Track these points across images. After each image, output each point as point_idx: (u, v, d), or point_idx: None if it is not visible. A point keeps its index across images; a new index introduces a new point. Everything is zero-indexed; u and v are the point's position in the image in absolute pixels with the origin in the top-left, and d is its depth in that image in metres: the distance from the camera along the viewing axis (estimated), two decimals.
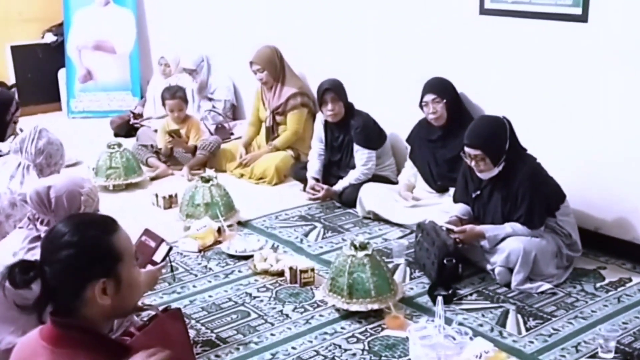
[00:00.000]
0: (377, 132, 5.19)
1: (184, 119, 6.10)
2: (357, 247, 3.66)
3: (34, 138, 3.98)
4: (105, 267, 1.89)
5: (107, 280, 1.89)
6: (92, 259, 1.88)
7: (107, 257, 1.90)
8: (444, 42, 4.92)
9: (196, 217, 4.70)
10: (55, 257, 1.88)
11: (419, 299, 3.82)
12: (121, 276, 1.92)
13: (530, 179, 3.89)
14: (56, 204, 2.96)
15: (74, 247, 1.87)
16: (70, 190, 2.98)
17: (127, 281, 1.94)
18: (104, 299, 1.89)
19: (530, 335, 3.43)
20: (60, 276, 1.87)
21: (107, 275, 1.88)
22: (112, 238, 1.92)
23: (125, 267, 1.93)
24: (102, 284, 1.87)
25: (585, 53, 4.17)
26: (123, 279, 1.92)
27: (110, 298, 1.90)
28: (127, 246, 1.97)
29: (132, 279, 1.97)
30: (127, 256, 1.95)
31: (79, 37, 7.91)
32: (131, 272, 1.97)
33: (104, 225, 1.95)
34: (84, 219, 2.06)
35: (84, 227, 1.93)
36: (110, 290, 1.90)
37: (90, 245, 1.89)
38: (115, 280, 1.90)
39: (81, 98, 7.94)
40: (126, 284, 1.93)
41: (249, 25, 6.51)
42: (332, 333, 3.50)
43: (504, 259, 3.88)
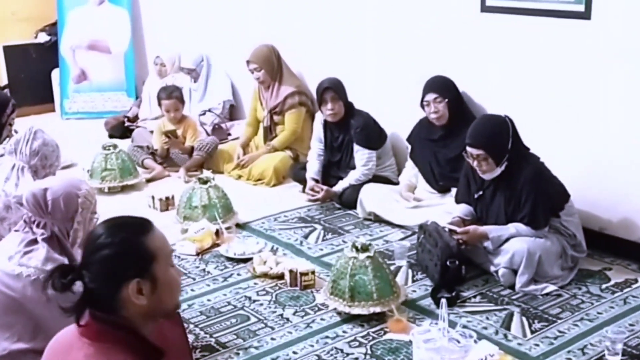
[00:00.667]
0: (377, 131, 5.12)
1: (180, 119, 6.02)
2: (359, 249, 3.59)
3: (29, 139, 3.91)
4: (139, 267, 1.92)
5: (142, 281, 1.91)
6: (125, 260, 1.91)
7: (141, 257, 1.93)
8: (444, 40, 4.85)
9: (194, 219, 4.63)
10: (92, 260, 1.92)
11: (422, 301, 3.75)
12: (157, 276, 1.94)
13: (533, 179, 3.83)
14: (53, 206, 2.89)
15: (107, 249, 1.90)
16: (67, 192, 2.92)
17: (164, 281, 1.96)
18: (140, 299, 1.91)
19: (535, 338, 3.37)
20: (97, 278, 1.91)
21: (142, 276, 1.91)
22: (146, 238, 1.95)
23: (161, 267, 1.96)
24: (136, 284, 1.90)
25: (588, 51, 4.11)
26: (159, 278, 1.94)
27: (147, 298, 1.92)
28: (161, 246, 1.98)
29: (169, 279, 1.99)
30: (162, 256, 1.97)
31: (73, 37, 7.81)
32: (167, 272, 1.98)
33: (137, 226, 1.99)
34: (117, 221, 2.06)
35: (117, 229, 1.96)
36: (147, 290, 1.92)
37: (123, 246, 1.92)
38: (151, 280, 1.93)
39: (75, 99, 7.84)
40: (163, 284, 1.96)
41: (246, 24, 6.43)
42: (333, 337, 3.43)
43: (508, 260, 3.81)
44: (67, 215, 2.91)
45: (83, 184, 3.06)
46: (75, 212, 2.92)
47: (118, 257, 1.91)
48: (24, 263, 2.84)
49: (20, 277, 2.82)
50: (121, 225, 2.01)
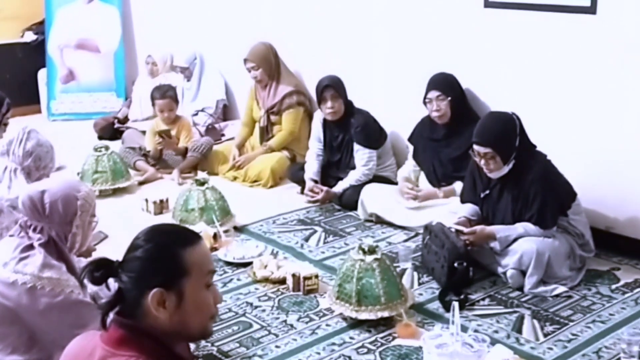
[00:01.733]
0: (377, 130, 5.02)
1: (174, 120, 5.89)
2: (366, 251, 3.48)
3: (22, 140, 3.82)
4: (166, 277, 1.80)
5: (167, 293, 1.79)
6: (153, 265, 1.81)
7: (171, 267, 1.81)
8: (447, 36, 4.74)
9: (190, 222, 4.50)
10: (126, 258, 1.84)
11: (429, 305, 3.64)
12: (184, 292, 1.81)
13: (542, 178, 3.74)
14: (51, 209, 2.77)
15: (141, 251, 1.82)
16: (65, 194, 2.80)
17: (192, 300, 1.83)
18: (160, 312, 1.79)
19: (548, 341, 3.27)
20: (127, 278, 1.82)
21: (168, 287, 1.80)
22: (184, 250, 1.83)
23: (192, 285, 1.83)
24: (158, 293, 1.78)
25: (594, 46, 4.02)
26: (186, 296, 1.82)
27: (169, 313, 1.80)
28: (200, 263, 1.85)
29: (199, 300, 1.85)
30: (198, 274, 1.84)
31: (61, 36, 7.65)
32: (199, 291, 1.85)
33: (179, 235, 1.89)
34: (162, 227, 1.98)
35: (157, 234, 1.88)
36: (170, 305, 1.80)
37: (156, 251, 1.83)
38: (177, 295, 1.80)
39: (62, 99, 7.69)
40: (190, 303, 1.82)
41: (240, 21, 6.32)
42: (340, 343, 3.32)
43: (516, 261, 3.72)
44: (66, 219, 2.79)
45: (82, 185, 2.94)
46: (74, 216, 2.79)
47: (147, 261, 1.81)
48: (19, 270, 2.71)
49: (16, 285, 2.68)
50: (164, 231, 1.93)
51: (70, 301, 2.71)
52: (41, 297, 2.67)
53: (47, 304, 2.68)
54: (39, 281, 2.68)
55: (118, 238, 4.28)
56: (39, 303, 2.67)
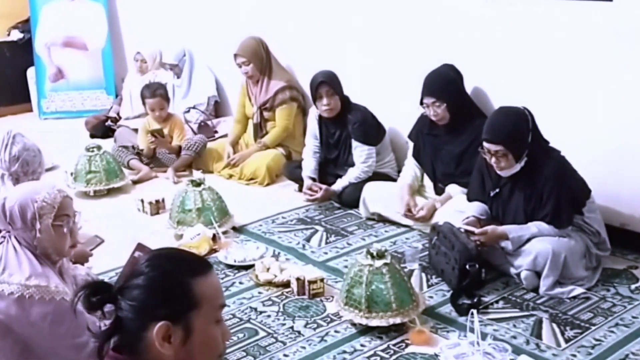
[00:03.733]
0: (376, 126, 4.86)
1: (166, 118, 5.72)
2: (374, 255, 3.31)
3: (7, 144, 3.65)
4: (174, 309, 1.63)
5: (174, 327, 1.62)
6: (159, 296, 1.64)
7: (180, 299, 1.64)
8: (449, 26, 4.57)
9: (188, 223, 4.33)
10: (128, 285, 1.68)
11: (441, 308, 3.49)
12: (193, 327, 1.63)
13: (556, 175, 3.59)
14: (11, 215, 2.65)
15: (146, 279, 1.66)
16: (22, 199, 2.66)
17: (201, 336, 1.65)
18: (164, 347, 1.61)
19: (571, 347, 3.12)
20: (128, 307, 1.65)
21: (175, 321, 1.62)
22: (194, 281, 1.65)
23: (202, 319, 1.65)
24: (164, 327, 1.61)
25: (609, 35, 3.85)
26: (195, 331, 1.64)
27: (174, 349, 1.62)
28: (211, 296, 1.68)
29: (209, 337, 1.67)
30: (208, 307, 1.66)
31: (48, 34, 7.48)
32: (209, 327, 1.67)
33: (189, 263, 1.71)
34: (169, 253, 1.82)
35: (164, 260, 1.72)
36: (176, 340, 1.62)
37: (163, 280, 1.66)
38: (184, 329, 1.63)
39: (53, 98, 7.53)
40: (198, 340, 1.64)
41: (229, 16, 6.15)
42: (351, 352, 3.16)
43: (531, 262, 3.56)
44: (27, 225, 2.64)
45: (46, 188, 2.74)
46: (33, 220, 2.64)
47: (153, 290, 1.64)
48: (4, 280, 2.56)
49: (2, 296, 2.53)
50: (172, 257, 1.76)
51: (62, 309, 2.56)
52: (31, 307, 2.53)
53: (38, 314, 2.53)
54: (27, 290, 2.53)
55: (115, 240, 4.12)
56: (29, 313, 2.53)
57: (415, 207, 4.30)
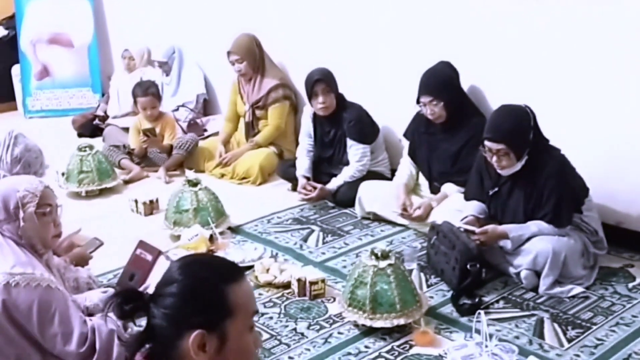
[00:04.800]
0: (370, 125, 4.86)
1: (157, 117, 5.68)
2: (379, 256, 3.32)
3: (9, 145, 3.63)
4: (209, 317, 1.61)
5: (209, 335, 1.60)
6: (195, 304, 1.62)
7: (215, 307, 1.62)
8: (445, 22, 4.56)
9: (184, 224, 4.30)
10: (160, 293, 1.66)
11: (442, 309, 3.49)
12: (227, 335, 1.62)
13: (557, 174, 3.60)
14: None
15: (179, 286, 1.64)
16: (5, 189, 2.72)
17: (235, 344, 1.64)
18: (199, 356, 1.59)
19: (574, 347, 3.13)
20: (161, 315, 1.63)
21: (209, 329, 1.61)
22: (228, 288, 1.64)
23: (236, 327, 1.64)
24: (200, 335, 1.59)
25: (610, 34, 3.86)
26: (229, 339, 1.62)
27: (209, 358, 1.60)
28: (245, 303, 1.67)
29: (242, 345, 1.66)
30: (243, 315, 1.65)
31: (33, 30, 7.42)
32: (243, 335, 1.66)
33: (223, 270, 1.69)
34: (203, 259, 1.80)
35: (197, 267, 1.70)
36: (211, 348, 1.61)
37: (197, 288, 1.64)
38: (219, 338, 1.62)
39: (38, 96, 7.46)
40: (232, 348, 1.63)
41: (219, 12, 6.10)
42: (356, 353, 3.16)
43: (531, 262, 3.58)
44: (10, 215, 2.68)
45: (26, 179, 2.82)
46: (16, 209, 2.68)
47: (187, 298, 1.62)
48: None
49: None
50: (205, 263, 1.73)
51: (49, 296, 2.59)
52: (18, 295, 2.54)
53: (25, 301, 2.54)
54: (12, 278, 2.55)
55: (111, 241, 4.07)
56: (16, 301, 2.54)
57: (411, 206, 4.31)
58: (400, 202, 4.34)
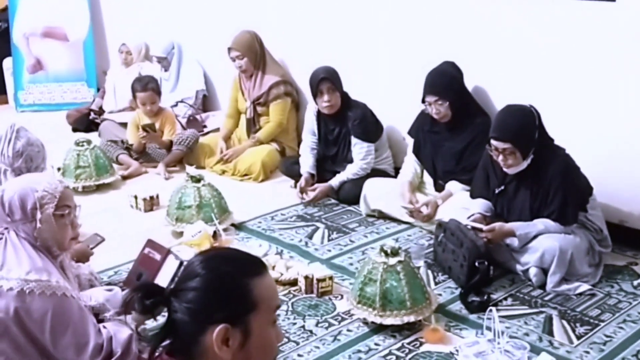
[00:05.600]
0: (375, 123, 4.85)
1: (157, 112, 5.64)
2: (388, 253, 3.32)
3: (10, 139, 3.57)
4: (233, 312, 1.59)
5: (232, 330, 1.58)
6: (218, 298, 1.60)
7: (238, 301, 1.60)
8: (449, 22, 4.57)
9: (187, 220, 4.28)
10: (182, 288, 1.63)
11: (451, 306, 3.50)
12: (251, 330, 1.60)
13: (563, 172, 3.63)
14: (10, 207, 2.61)
15: (201, 280, 1.61)
16: (22, 188, 2.63)
17: (258, 339, 1.62)
18: (223, 351, 1.58)
19: (583, 344, 3.16)
20: (183, 310, 1.61)
21: (233, 323, 1.58)
22: (251, 282, 1.62)
23: (259, 321, 1.62)
24: (224, 330, 1.57)
25: (611, 35, 3.89)
26: (253, 333, 1.60)
27: (232, 353, 1.59)
28: (268, 297, 1.64)
29: (265, 340, 1.64)
30: (265, 309, 1.63)
31: (27, 23, 7.33)
32: (266, 330, 1.64)
33: (246, 264, 1.66)
34: (225, 253, 1.78)
35: (220, 261, 1.67)
36: (234, 343, 1.59)
37: (221, 281, 1.61)
38: (243, 332, 1.60)
39: (31, 90, 7.39)
40: (256, 343, 1.61)
41: (219, 8, 6.06)
42: (366, 351, 3.16)
43: (538, 259, 3.60)
44: (27, 215, 2.61)
45: (45, 178, 2.75)
46: (34, 210, 2.60)
47: (210, 292, 1.60)
48: (3, 276, 2.52)
49: (1, 293, 2.49)
50: (228, 257, 1.69)
51: (63, 305, 2.53)
52: (31, 302, 2.48)
53: (39, 310, 2.49)
54: (27, 285, 2.49)
55: (111, 238, 4.04)
56: (29, 309, 2.48)
57: (417, 203, 4.31)
58: (406, 200, 4.34)
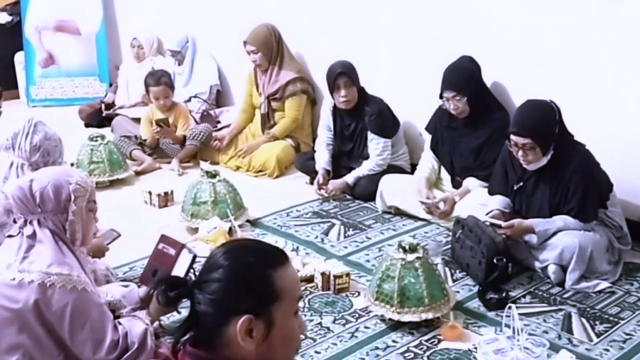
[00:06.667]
0: (391, 119, 4.81)
1: (170, 107, 5.62)
2: (407, 249, 3.29)
3: (28, 133, 3.56)
4: (256, 303, 1.58)
5: (256, 321, 1.57)
6: (242, 289, 1.59)
7: (262, 292, 1.59)
8: (464, 17, 4.53)
9: (202, 216, 4.26)
10: (205, 279, 1.62)
11: (469, 303, 3.48)
12: (274, 321, 1.59)
13: (583, 168, 3.59)
14: (41, 197, 2.58)
15: (224, 271, 1.60)
16: (56, 179, 2.61)
17: (281, 330, 1.61)
18: (247, 342, 1.57)
19: (603, 341, 3.13)
20: (206, 302, 1.60)
21: (257, 314, 1.58)
22: (275, 272, 1.61)
23: (282, 312, 1.61)
24: (247, 320, 1.56)
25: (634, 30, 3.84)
26: (276, 325, 1.60)
27: (256, 344, 1.58)
28: (291, 288, 1.63)
29: (288, 330, 1.63)
30: (288, 300, 1.62)
31: (39, 17, 7.30)
32: (289, 320, 1.63)
33: (268, 255, 1.66)
34: (247, 244, 1.77)
35: (242, 252, 1.66)
36: (258, 334, 1.58)
37: (244, 273, 1.61)
38: (266, 323, 1.59)
39: (42, 84, 7.36)
40: (279, 333, 1.60)
41: (235, 2, 6.01)
42: (384, 348, 3.14)
43: (557, 256, 3.57)
44: (59, 206, 2.60)
45: (75, 171, 2.78)
46: (67, 202, 2.60)
47: (234, 283, 1.59)
48: (24, 269, 2.51)
49: (22, 285, 2.47)
50: (251, 248, 1.69)
51: (83, 300, 2.52)
52: (52, 296, 2.47)
53: (58, 303, 2.48)
54: (48, 278, 2.48)
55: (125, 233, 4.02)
56: (49, 302, 2.47)
57: (434, 199, 4.28)
58: (423, 196, 4.31)
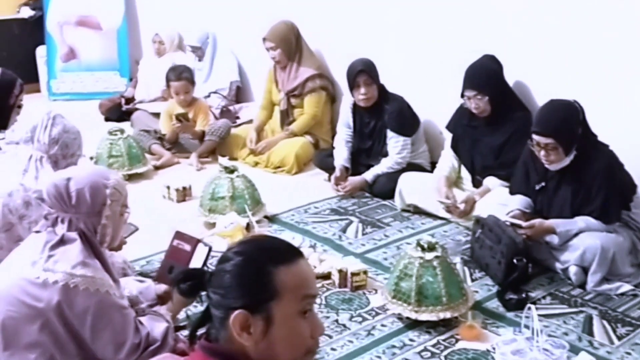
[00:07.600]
0: (412, 117, 4.78)
1: (190, 102, 5.60)
2: (425, 248, 3.25)
3: (47, 125, 3.53)
4: (252, 298, 1.57)
5: (253, 317, 1.56)
6: (238, 284, 1.59)
7: (258, 288, 1.58)
8: (486, 15, 4.48)
9: (220, 211, 4.24)
10: (215, 272, 1.64)
11: (488, 303, 3.43)
12: (273, 319, 1.57)
13: (606, 169, 3.53)
14: (77, 198, 2.55)
15: (230, 265, 1.61)
16: (93, 181, 2.58)
17: (282, 329, 1.58)
18: (243, 337, 1.56)
19: (624, 345, 3.07)
20: (214, 295, 1.62)
21: (253, 310, 1.56)
22: (276, 269, 1.58)
23: (283, 310, 1.57)
24: (240, 316, 1.55)
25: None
26: (275, 322, 1.57)
27: (254, 340, 1.56)
28: (294, 285, 1.59)
29: (290, 330, 1.59)
30: (290, 298, 1.58)
31: (60, 12, 7.35)
32: (291, 319, 1.59)
33: (274, 251, 1.63)
34: (259, 239, 1.77)
35: (250, 247, 1.66)
36: (256, 331, 1.56)
37: (244, 266, 1.60)
38: (265, 320, 1.57)
39: (63, 78, 7.39)
40: (280, 332, 1.57)
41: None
42: (401, 346, 3.10)
43: (579, 257, 3.51)
44: (94, 209, 2.57)
45: (112, 173, 2.73)
46: (102, 205, 2.57)
47: (235, 276, 1.59)
48: (49, 268, 2.48)
49: (47, 284, 2.45)
50: (259, 243, 1.69)
51: (106, 303, 2.50)
52: (75, 297, 2.44)
53: (81, 305, 2.45)
54: (72, 279, 2.45)
55: (143, 227, 4.01)
56: (72, 303, 2.44)
57: (453, 198, 4.23)
58: (442, 195, 4.26)
